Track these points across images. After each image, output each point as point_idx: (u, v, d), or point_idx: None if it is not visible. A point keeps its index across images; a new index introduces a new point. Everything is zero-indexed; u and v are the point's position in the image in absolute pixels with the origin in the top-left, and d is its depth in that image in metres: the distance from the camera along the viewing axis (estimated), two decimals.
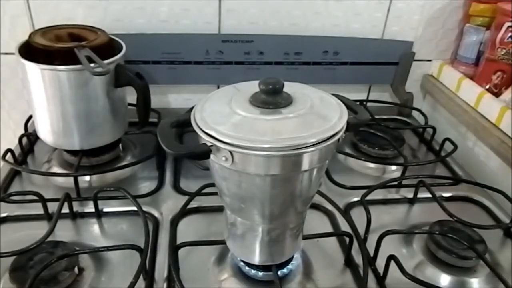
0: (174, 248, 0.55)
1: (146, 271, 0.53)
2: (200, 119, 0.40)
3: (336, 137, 0.40)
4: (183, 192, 0.68)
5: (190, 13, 0.82)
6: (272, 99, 0.40)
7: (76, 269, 0.52)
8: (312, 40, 0.85)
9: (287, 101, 0.42)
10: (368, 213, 0.60)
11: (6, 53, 0.81)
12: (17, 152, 0.73)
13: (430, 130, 0.88)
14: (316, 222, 0.64)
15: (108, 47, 0.66)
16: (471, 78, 0.85)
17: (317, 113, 0.41)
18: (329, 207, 0.66)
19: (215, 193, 0.52)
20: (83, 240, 0.59)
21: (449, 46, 0.94)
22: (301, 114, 0.40)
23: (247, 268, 0.53)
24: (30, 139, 0.78)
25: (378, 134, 0.82)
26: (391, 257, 0.54)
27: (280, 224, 0.48)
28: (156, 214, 0.63)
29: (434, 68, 0.94)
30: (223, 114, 0.41)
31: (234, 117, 0.40)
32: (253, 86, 0.42)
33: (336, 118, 0.41)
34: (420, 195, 0.69)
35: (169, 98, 0.92)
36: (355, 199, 0.68)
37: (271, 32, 0.85)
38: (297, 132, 0.38)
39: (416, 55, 0.91)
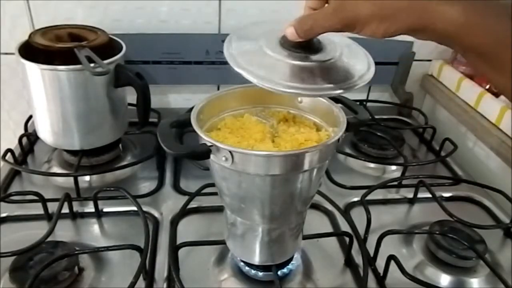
0: (174, 248, 0.55)
1: (146, 271, 0.53)
2: (229, 54, 0.39)
3: (336, 137, 0.41)
4: (183, 192, 0.68)
5: (190, 13, 0.82)
6: (302, 43, 0.39)
7: (76, 269, 0.52)
8: None
9: (317, 48, 0.40)
10: (368, 213, 0.60)
11: (6, 53, 0.81)
12: (17, 152, 0.73)
13: (430, 130, 0.88)
14: (316, 222, 0.64)
15: (108, 47, 0.66)
16: (471, 78, 0.85)
17: (344, 64, 0.40)
18: (329, 207, 0.66)
19: (215, 193, 0.52)
20: (83, 240, 0.59)
21: None
22: (328, 63, 0.39)
23: (247, 268, 0.53)
24: (30, 139, 0.78)
25: (378, 134, 0.82)
26: (391, 257, 0.54)
27: (280, 224, 0.48)
28: (156, 214, 0.63)
29: (434, 68, 0.94)
30: (250, 51, 0.40)
31: (262, 56, 0.39)
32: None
33: (362, 71, 0.40)
34: (420, 195, 0.69)
35: (169, 98, 0.92)
36: (355, 199, 0.68)
37: None
38: (319, 82, 0.37)
39: (416, 55, 0.91)
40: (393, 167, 0.78)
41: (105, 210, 0.63)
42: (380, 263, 0.55)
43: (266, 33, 0.42)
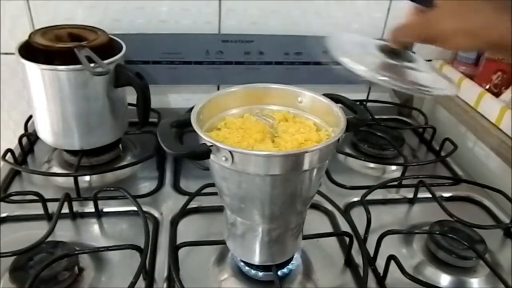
0: (174, 248, 0.55)
1: (146, 271, 0.53)
2: (332, 45, 0.46)
3: (336, 137, 0.41)
4: (183, 192, 0.68)
5: (190, 13, 0.82)
6: (397, 56, 0.45)
7: (76, 269, 0.52)
8: (312, 40, 0.85)
9: (411, 59, 0.47)
10: (368, 213, 0.60)
11: (6, 53, 0.81)
12: (17, 152, 0.73)
13: (430, 130, 0.88)
14: (316, 222, 0.64)
15: (108, 47, 0.66)
16: (471, 78, 0.85)
17: (430, 75, 0.47)
18: (329, 207, 0.66)
19: (215, 193, 0.52)
20: (83, 240, 0.59)
21: None
22: (416, 69, 0.46)
23: (247, 268, 0.53)
24: (30, 139, 0.78)
25: (378, 134, 0.82)
26: (391, 257, 0.54)
27: (280, 224, 0.48)
28: (156, 214, 0.63)
29: None
30: (354, 47, 0.47)
31: (364, 52, 0.46)
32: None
33: (445, 86, 0.46)
34: (420, 195, 0.69)
35: (169, 98, 0.92)
36: (355, 199, 0.68)
37: (271, 32, 0.85)
38: (407, 80, 0.43)
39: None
40: (393, 167, 0.78)
41: (105, 210, 0.63)
42: (380, 263, 0.55)
43: (365, 40, 0.49)
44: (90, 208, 0.63)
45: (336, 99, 0.48)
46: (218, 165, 0.41)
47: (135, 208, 0.60)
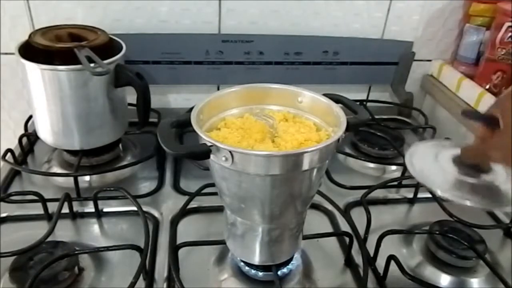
0: (174, 248, 0.55)
1: (146, 271, 0.53)
2: (409, 161, 0.46)
3: (336, 137, 0.41)
4: (183, 192, 0.68)
5: (190, 13, 0.82)
6: (473, 168, 0.45)
7: (76, 269, 0.52)
8: (312, 40, 0.85)
9: (487, 169, 0.45)
10: (368, 213, 0.60)
11: (6, 53, 0.81)
12: (17, 152, 0.73)
13: (430, 130, 0.88)
14: (316, 222, 0.64)
15: (108, 47, 0.66)
16: (471, 78, 0.85)
17: (504, 188, 0.45)
18: (329, 207, 0.66)
19: (215, 193, 0.52)
20: (83, 240, 0.59)
21: (449, 46, 0.94)
22: (497, 182, 0.44)
23: (247, 268, 0.53)
24: (30, 139, 0.78)
25: (378, 134, 0.82)
26: (391, 257, 0.54)
27: (280, 224, 0.48)
28: (156, 214, 0.63)
29: (434, 68, 0.94)
30: (430, 162, 0.46)
31: (439, 169, 0.45)
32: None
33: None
34: (420, 195, 0.69)
35: (169, 98, 0.92)
36: (355, 199, 0.68)
37: (271, 32, 0.85)
38: (477, 197, 0.43)
39: (416, 55, 0.91)
40: (393, 167, 0.78)
41: (105, 210, 0.63)
42: (380, 263, 0.55)
43: (439, 151, 0.48)
44: (90, 208, 0.63)
45: (336, 99, 0.48)
46: (218, 165, 0.41)
47: (135, 208, 0.60)
